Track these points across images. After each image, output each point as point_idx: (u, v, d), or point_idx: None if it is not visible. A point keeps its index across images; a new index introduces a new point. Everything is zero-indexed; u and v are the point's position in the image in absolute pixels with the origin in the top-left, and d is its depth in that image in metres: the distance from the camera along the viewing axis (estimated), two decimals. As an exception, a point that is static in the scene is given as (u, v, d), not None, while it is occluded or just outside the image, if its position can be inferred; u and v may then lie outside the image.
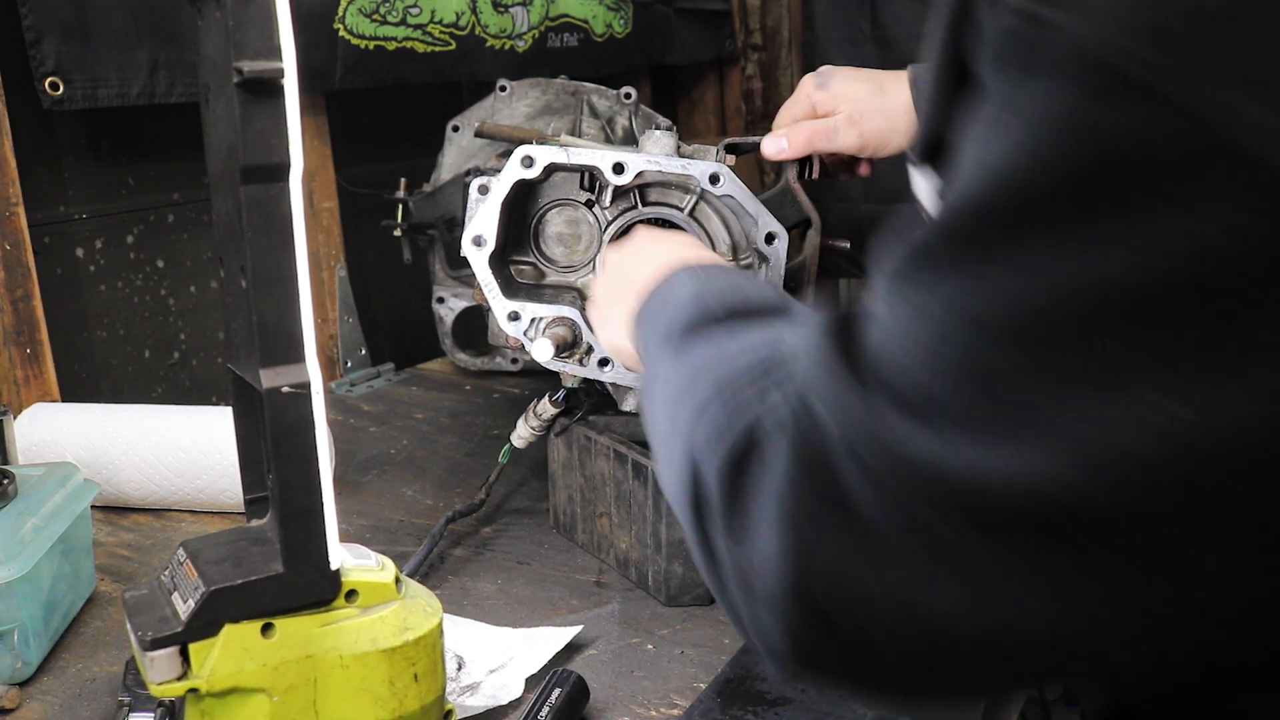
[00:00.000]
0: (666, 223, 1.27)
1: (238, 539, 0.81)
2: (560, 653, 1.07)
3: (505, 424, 1.75)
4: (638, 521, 1.21)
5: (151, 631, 0.75)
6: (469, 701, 0.98)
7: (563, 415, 1.32)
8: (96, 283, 1.74)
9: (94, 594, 1.20)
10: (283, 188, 0.71)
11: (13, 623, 1.01)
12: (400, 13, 2.00)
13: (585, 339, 1.20)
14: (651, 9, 2.66)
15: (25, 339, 1.54)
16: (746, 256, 1.23)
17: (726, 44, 3.00)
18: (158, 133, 1.79)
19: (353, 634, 0.79)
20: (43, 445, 1.39)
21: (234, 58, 0.67)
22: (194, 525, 1.40)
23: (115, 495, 1.40)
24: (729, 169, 1.17)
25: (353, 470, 1.61)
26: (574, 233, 1.28)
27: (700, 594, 1.18)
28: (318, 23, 1.87)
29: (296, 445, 0.75)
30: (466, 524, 1.40)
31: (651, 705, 1.00)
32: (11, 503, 1.09)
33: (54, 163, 1.67)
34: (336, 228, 2.06)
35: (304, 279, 0.74)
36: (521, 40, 2.27)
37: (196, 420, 1.42)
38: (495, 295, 1.20)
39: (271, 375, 0.73)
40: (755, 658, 1.07)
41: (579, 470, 1.31)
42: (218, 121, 0.73)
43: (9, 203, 1.51)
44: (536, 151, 1.17)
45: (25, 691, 1.03)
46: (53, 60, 1.54)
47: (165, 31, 1.66)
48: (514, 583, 1.25)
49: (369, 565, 0.82)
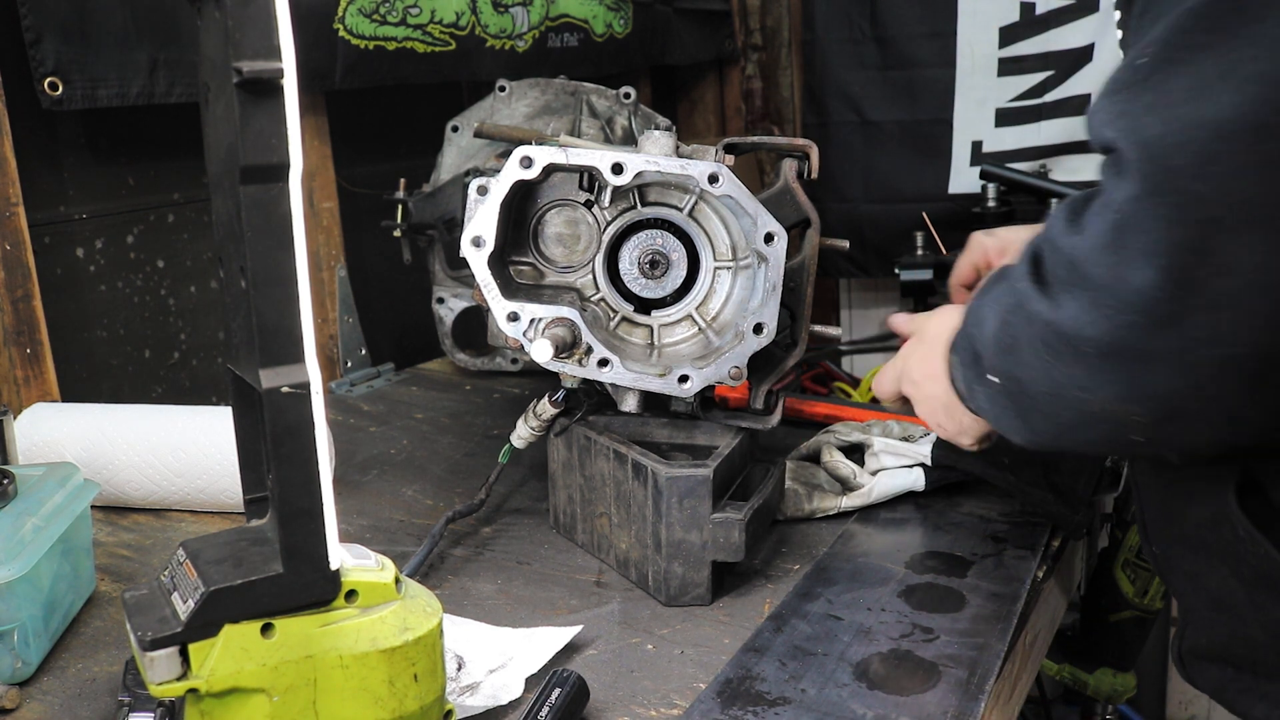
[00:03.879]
0: (668, 224, 1.27)
1: (238, 539, 0.81)
2: (560, 653, 1.07)
3: (505, 424, 1.75)
4: (638, 521, 1.21)
5: (151, 631, 0.75)
6: (469, 701, 0.98)
7: (563, 415, 1.32)
8: (96, 283, 1.74)
9: (94, 594, 1.20)
10: (282, 188, 0.72)
11: (13, 623, 1.01)
12: (400, 13, 2.00)
13: (584, 339, 1.20)
14: (651, 9, 2.66)
15: (25, 339, 1.54)
16: (746, 256, 1.23)
17: (726, 44, 3.00)
18: (158, 133, 1.79)
19: (353, 634, 0.79)
20: (43, 445, 1.39)
21: (234, 58, 0.67)
22: (194, 525, 1.41)
23: (115, 495, 1.41)
24: (728, 169, 1.17)
25: (353, 470, 1.61)
26: (573, 233, 1.28)
27: (700, 594, 1.19)
28: (318, 23, 1.87)
29: (296, 445, 0.75)
30: (466, 524, 1.40)
31: (651, 705, 1.00)
32: (11, 503, 1.09)
33: (54, 163, 1.67)
34: (336, 228, 2.07)
35: (304, 279, 0.74)
36: (521, 40, 2.28)
37: (196, 420, 1.42)
38: (495, 296, 1.20)
39: (271, 375, 0.73)
40: (755, 657, 1.07)
41: (579, 470, 1.31)
42: (217, 121, 0.73)
43: (9, 203, 1.51)
44: (535, 152, 1.17)
45: (25, 691, 1.03)
46: (52, 60, 1.54)
47: (165, 31, 1.66)
48: (514, 583, 1.25)
49: (369, 565, 0.82)
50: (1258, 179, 0.69)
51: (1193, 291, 0.72)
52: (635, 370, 1.21)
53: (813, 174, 1.27)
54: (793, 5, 2.99)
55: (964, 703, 0.99)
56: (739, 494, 1.25)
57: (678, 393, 1.21)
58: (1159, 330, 0.74)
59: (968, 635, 1.11)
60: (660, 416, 1.32)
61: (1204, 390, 0.76)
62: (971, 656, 1.07)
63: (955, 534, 1.36)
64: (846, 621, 1.14)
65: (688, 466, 1.17)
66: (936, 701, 0.99)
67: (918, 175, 2.69)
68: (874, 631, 1.12)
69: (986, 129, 2.60)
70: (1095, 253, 0.76)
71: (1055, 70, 2.52)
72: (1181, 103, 0.71)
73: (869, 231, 2.72)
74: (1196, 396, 0.77)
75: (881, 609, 1.17)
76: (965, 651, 1.08)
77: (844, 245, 1.33)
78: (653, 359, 1.25)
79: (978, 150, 2.62)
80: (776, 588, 1.23)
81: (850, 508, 1.42)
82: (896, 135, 2.72)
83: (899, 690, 1.01)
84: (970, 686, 1.02)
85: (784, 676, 1.03)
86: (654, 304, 1.30)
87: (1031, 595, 1.23)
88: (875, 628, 1.13)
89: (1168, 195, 0.72)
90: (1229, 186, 0.70)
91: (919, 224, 2.41)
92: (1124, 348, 0.77)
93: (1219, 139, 0.70)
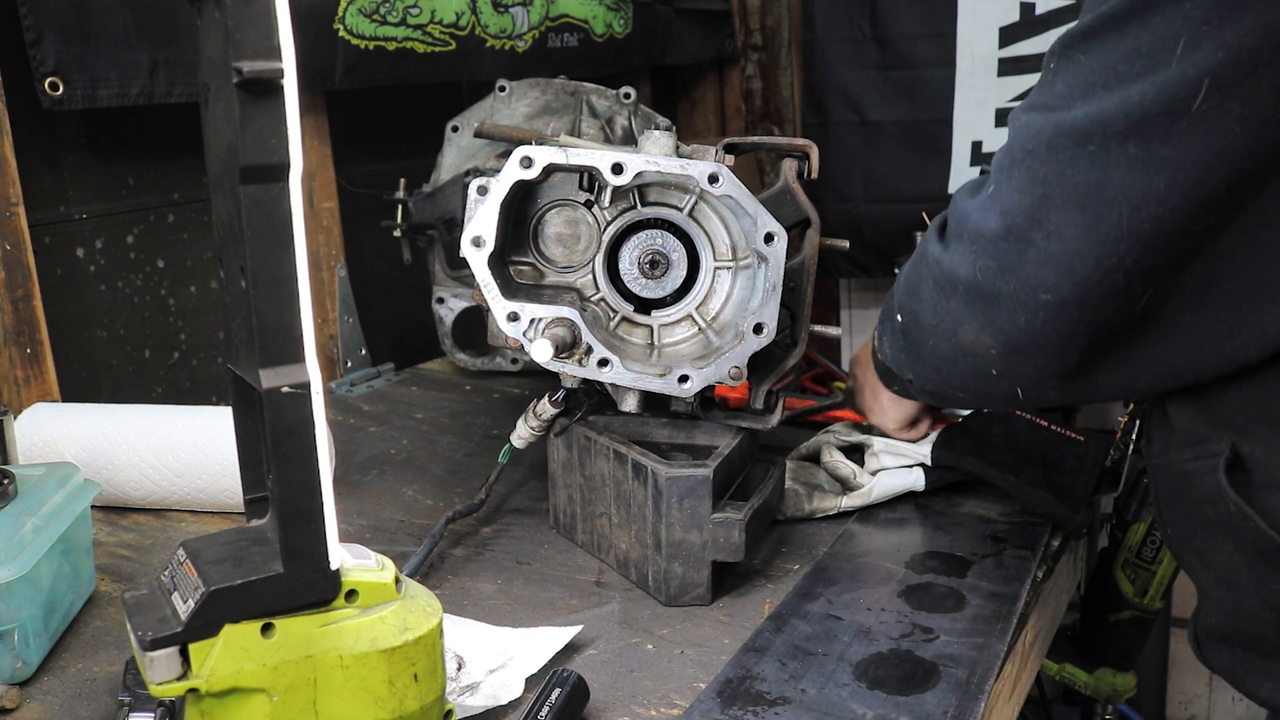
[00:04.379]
0: (668, 224, 1.27)
1: (238, 539, 0.81)
2: (560, 653, 1.07)
3: (505, 424, 1.75)
4: (638, 521, 1.21)
5: (151, 631, 0.75)
6: (469, 701, 0.98)
7: (563, 415, 1.32)
8: (97, 283, 1.74)
9: (94, 594, 1.20)
10: (282, 188, 0.71)
11: (13, 623, 1.01)
12: (400, 13, 2.00)
13: (584, 339, 1.20)
14: (651, 9, 2.66)
15: (25, 339, 1.54)
16: (746, 256, 1.23)
17: (726, 44, 3.00)
18: (158, 133, 1.79)
19: (353, 634, 0.79)
20: (43, 445, 1.39)
21: (233, 58, 0.67)
22: (194, 525, 1.41)
23: (115, 495, 1.41)
24: (728, 169, 1.17)
25: (353, 470, 1.61)
26: (573, 233, 1.28)
27: (700, 594, 1.19)
28: (318, 23, 1.86)
29: (296, 445, 0.75)
30: (466, 524, 1.40)
31: (651, 705, 1.00)
32: (11, 503, 1.09)
33: (54, 163, 1.67)
34: (336, 228, 2.07)
35: (304, 279, 0.74)
36: (521, 40, 2.28)
37: (196, 420, 1.42)
38: (494, 296, 1.20)
39: (271, 375, 0.73)
40: (755, 657, 1.07)
41: (579, 470, 1.31)
42: (217, 122, 0.73)
43: (9, 203, 1.51)
44: (535, 152, 1.17)
45: (25, 691, 1.03)
46: (53, 60, 1.54)
47: (165, 31, 1.66)
48: (514, 583, 1.25)
49: (369, 565, 0.82)
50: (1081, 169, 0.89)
51: (1029, 246, 0.93)
52: (635, 370, 1.21)
53: (813, 174, 1.27)
54: (793, 5, 2.98)
55: (964, 703, 0.99)
56: (739, 494, 1.25)
57: (678, 393, 1.21)
58: (1004, 274, 0.96)
59: (968, 635, 1.11)
60: (660, 416, 1.32)
61: (1035, 326, 0.96)
62: (971, 656, 1.07)
63: (955, 534, 1.36)
64: (846, 621, 1.14)
65: (688, 466, 1.17)
66: (936, 701, 0.99)
67: (918, 175, 2.68)
68: (874, 631, 1.12)
69: (986, 129, 2.60)
70: (974, 210, 0.99)
71: (1055, 70, 2.52)
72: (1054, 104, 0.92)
73: (869, 231, 2.71)
74: (1031, 332, 0.96)
75: (881, 609, 1.17)
76: (965, 651, 1.08)
77: (844, 245, 1.33)
78: (653, 359, 1.25)
79: (978, 150, 2.62)
80: (776, 588, 1.23)
81: (850, 508, 1.42)
82: (896, 135, 2.72)
83: (899, 690, 1.01)
84: (970, 686, 1.02)
85: (784, 676, 1.03)
86: (654, 304, 1.30)
87: (1031, 595, 1.23)
88: (875, 628, 1.13)
89: (1022, 171, 0.93)
90: (1061, 172, 0.90)
91: (919, 224, 2.41)
92: (981, 287, 0.98)
93: (1060, 135, 0.90)
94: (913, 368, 1.15)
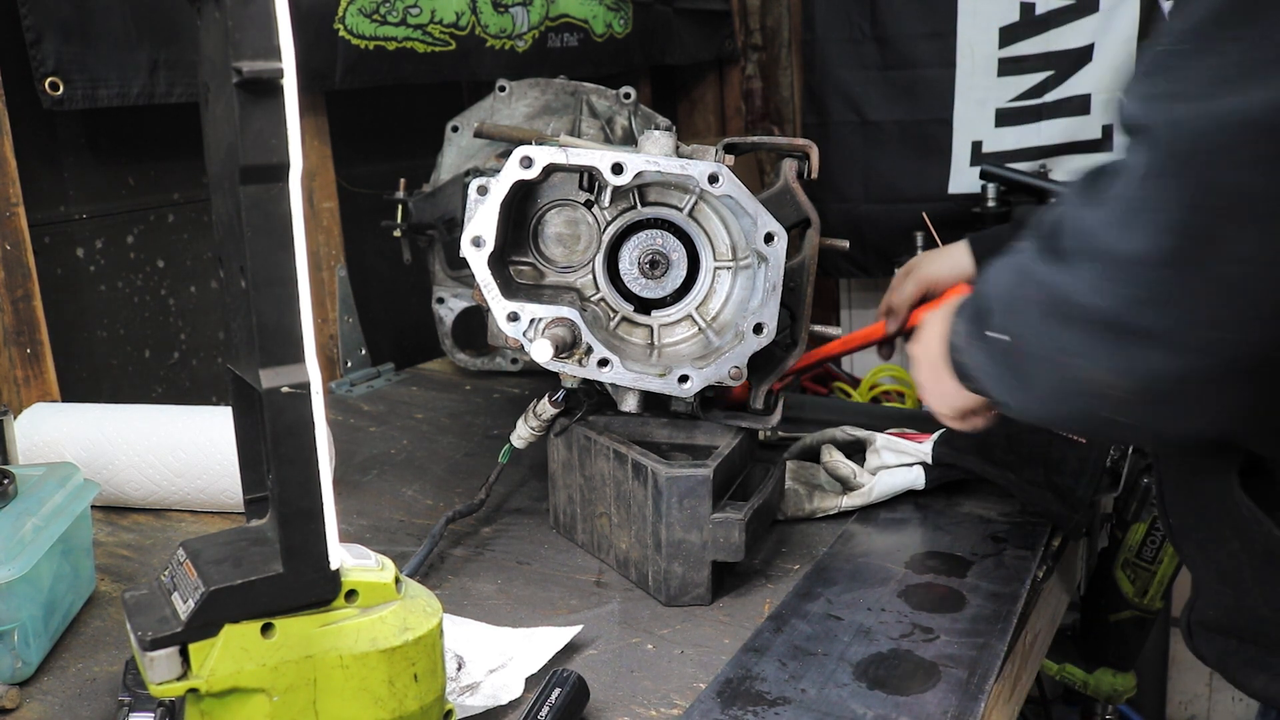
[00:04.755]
0: (668, 224, 1.27)
1: (238, 539, 0.81)
2: (560, 653, 1.07)
3: (505, 424, 1.75)
4: (638, 521, 1.21)
5: (151, 631, 0.75)
6: (469, 701, 0.98)
7: (563, 415, 1.32)
8: (96, 283, 1.74)
9: (94, 594, 1.20)
10: (282, 188, 0.72)
11: (13, 623, 1.01)
12: (400, 13, 2.00)
13: (584, 339, 1.20)
14: (651, 9, 2.66)
15: (25, 339, 1.54)
16: (746, 256, 1.23)
17: (726, 44, 3.00)
18: (158, 133, 1.79)
19: (353, 634, 0.79)
20: (43, 445, 1.39)
21: (233, 58, 0.67)
22: (194, 525, 1.41)
23: (115, 495, 1.41)
24: (728, 169, 1.17)
25: (353, 470, 1.61)
26: (573, 233, 1.28)
27: (700, 594, 1.19)
28: (318, 23, 1.86)
29: (296, 445, 0.75)
30: (466, 524, 1.40)
31: (651, 705, 1.00)
32: (11, 503, 1.09)
33: (54, 163, 1.67)
34: (336, 228, 2.07)
35: (304, 279, 0.74)
36: (521, 40, 2.28)
37: (196, 420, 1.42)
38: (494, 296, 1.20)
39: (271, 375, 0.73)
40: (755, 657, 1.07)
41: (579, 470, 1.31)
42: (217, 121, 0.73)
43: (9, 203, 1.51)
44: (535, 152, 1.17)
45: (25, 691, 1.03)
46: (53, 60, 1.54)
47: (165, 31, 1.66)
48: (514, 583, 1.25)
49: (369, 565, 0.82)
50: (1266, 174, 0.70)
51: (1197, 274, 0.74)
52: (635, 370, 1.21)
53: (813, 174, 1.27)
54: (793, 5, 2.98)
55: (964, 703, 0.99)
56: (739, 494, 1.25)
57: (678, 393, 1.21)
58: (1159, 307, 0.76)
59: (968, 635, 1.11)
60: (660, 416, 1.32)
61: (1191, 374, 0.77)
62: (971, 656, 1.07)
63: (955, 534, 1.36)
64: (846, 621, 1.14)
65: (688, 466, 1.17)
66: (936, 701, 0.99)
67: (918, 175, 2.69)
68: (874, 631, 1.12)
69: (986, 129, 2.60)
70: (1108, 226, 0.78)
71: (1055, 70, 2.52)
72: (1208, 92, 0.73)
73: (869, 231, 2.72)
74: (1182, 380, 0.77)
75: (881, 609, 1.17)
76: (965, 651, 1.08)
77: (844, 245, 1.33)
78: (653, 359, 1.26)
79: (978, 150, 2.62)
80: (776, 588, 1.23)
81: (850, 507, 1.42)
82: (896, 135, 2.72)
83: (899, 690, 1.01)
84: (970, 686, 1.02)
85: (784, 676, 1.03)
86: (654, 304, 1.30)
87: (1031, 595, 1.23)
88: (875, 628, 1.13)
89: (1184, 179, 0.73)
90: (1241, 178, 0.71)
91: (919, 224, 2.41)
92: (1123, 321, 0.78)
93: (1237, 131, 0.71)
94: (1013, 394, 0.93)
